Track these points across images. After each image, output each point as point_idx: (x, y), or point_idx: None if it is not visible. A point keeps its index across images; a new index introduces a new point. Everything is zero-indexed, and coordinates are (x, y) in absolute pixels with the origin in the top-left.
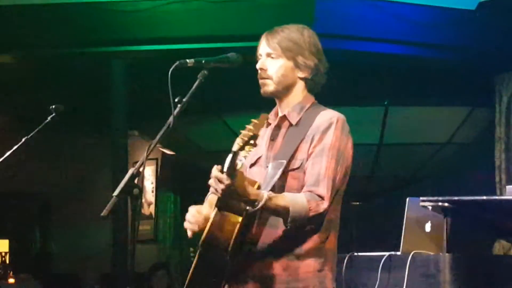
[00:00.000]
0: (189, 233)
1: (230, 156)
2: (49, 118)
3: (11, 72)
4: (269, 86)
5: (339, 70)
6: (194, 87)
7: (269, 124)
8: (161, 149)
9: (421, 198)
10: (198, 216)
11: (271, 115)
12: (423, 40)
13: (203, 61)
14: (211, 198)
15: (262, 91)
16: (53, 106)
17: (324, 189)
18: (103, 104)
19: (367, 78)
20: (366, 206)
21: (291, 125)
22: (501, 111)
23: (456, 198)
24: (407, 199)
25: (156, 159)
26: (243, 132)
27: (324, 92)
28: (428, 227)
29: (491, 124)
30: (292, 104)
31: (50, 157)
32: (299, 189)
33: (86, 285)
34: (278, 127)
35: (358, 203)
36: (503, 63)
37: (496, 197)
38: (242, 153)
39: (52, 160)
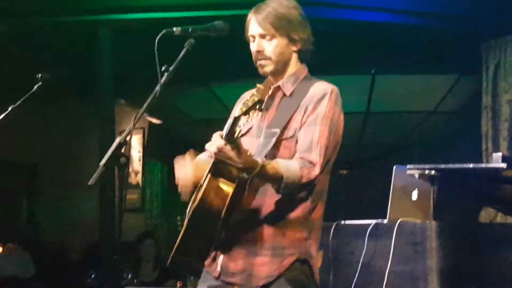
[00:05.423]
0: (184, 197)
1: (230, 121)
2: (35, 87)
3: None
4: (268, 67)
5: (325, 38)
6: (180, 55)
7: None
8: (148, 118)
9: (408, 166)
10: (189, 168)
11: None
12: (410, 8)
13: (190, 30)
14: (198, 161)
15: (261, 72)
16: (40, 75)
17: (316, 156)
18: (90, 73)
19: (353, 47)
20: (353, 174)
21: (284, 95)
22: (488, 79)
23: (442, 166)
24: (394, 167)
25: (143, 128)
26: (247, 98)
27: (311, 61)
28: (415, 195)
29: (478, 92)
30: (286, 75)
31: (37, 126)
32: (290, 159)
33: (73, 254)
34: (271, 97)
35: (345, 171)
36: (489, 30)
37: (483, 165)
38: (243, 119)
39: (39, 129)
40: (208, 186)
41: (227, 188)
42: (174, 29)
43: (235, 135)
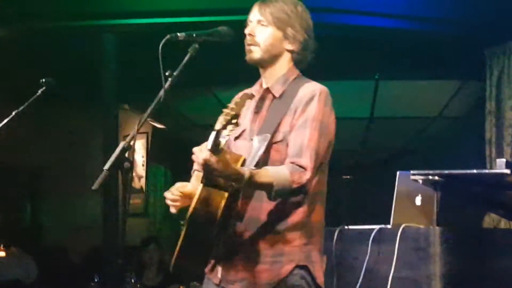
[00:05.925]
0: (172, 210)
1: (213, 134)
2: (39, 91)
3: (0, 45)
4: (255, 53)
5: (329, 44)
6: (184, 60)
7: (253, 96)
8: (151, 123)
9: (411, 172)
10: (178, 194)
11: (256, 87)
12: (414, 13)
13: (194, 35)
14: (198, 172)
15: (247, 57)
16: (44, 80)
17: (307, 160)
18: (94, 77)
19: (358, 52)
20: (356, 180)
21: (274, 97)
22: (492, 85)
23: (446, 171)
24: (398, 173)
25: (147, 132)
26: (225, 111)
27: (315, 66)
28: (418, 200)
29: (481, 98)
30: (276, 76)
31: (41, 130)
32: (282, 162)
33: (77, 258)
34: (262, 99)
35: (349, 177)
36: (494, 37)
37: (486, 171)
38: (224, 132)
39: (43, 133)
40: (200, 195)
41: (220, 197)
42: (178, 34)
43: (220, 147)
